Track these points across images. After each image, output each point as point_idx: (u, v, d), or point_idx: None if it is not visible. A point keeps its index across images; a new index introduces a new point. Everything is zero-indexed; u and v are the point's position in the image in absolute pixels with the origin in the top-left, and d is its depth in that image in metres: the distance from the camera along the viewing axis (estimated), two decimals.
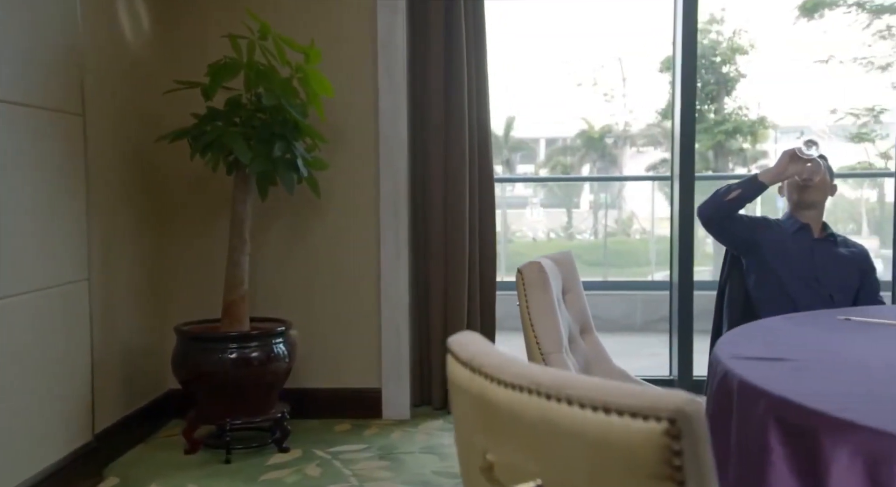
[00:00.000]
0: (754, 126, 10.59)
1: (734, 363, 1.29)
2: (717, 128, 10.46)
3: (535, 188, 12.38)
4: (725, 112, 10.66)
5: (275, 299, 2.91)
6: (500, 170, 13.36)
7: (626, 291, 4.99)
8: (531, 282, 1.61)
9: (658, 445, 0.61)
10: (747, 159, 11.61)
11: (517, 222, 11.91)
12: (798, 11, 9.05)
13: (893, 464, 0.91)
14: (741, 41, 10.32)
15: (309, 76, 2.54)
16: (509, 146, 13.21)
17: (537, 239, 12.16)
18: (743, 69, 10.48)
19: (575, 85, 12.45)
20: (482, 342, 0.81)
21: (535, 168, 14.40)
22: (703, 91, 10.59)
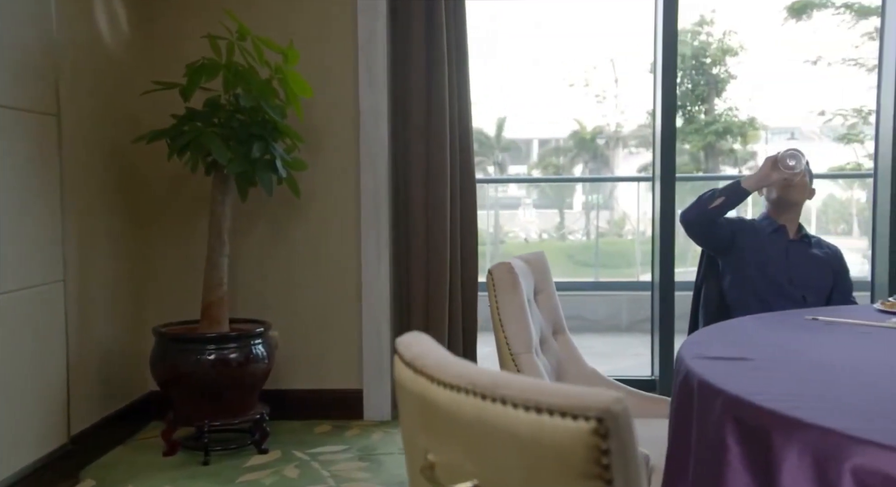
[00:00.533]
0: (744, 127, 10.66)
1: (695, 362, 1.30)
2: (708, 129, 10.52)
3: (528, 189, 12.41)
4: (716, 113, 10.72)
5: (256, 300, 2.91)
6: (491, 170, 13.39)
7: (612, 291, 5.01)
8: (501, 282, 1.61)
9: (586, 444, 0.62)
10: (738, 160, 11.66)
11: (510, 223, 11.93)
12: (786, 12, 9.11)
13: (840, 462, 0.92)
14: (731, 43, 10.38)
15: (287, 77, 2.54)
16: (501, 147, 13.23)
17: (529, 240, 12.18)
18: (733, 70, 10.54)
19: (567, 86, 12.49)
20: (427, 342, 0.82)
21: (528, 169, 14.43)
22: (693, 92, 10.66)
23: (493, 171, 13.06)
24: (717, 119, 10.66)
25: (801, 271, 2.12)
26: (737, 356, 1.32)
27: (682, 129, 10.90)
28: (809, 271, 2.12)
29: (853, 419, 0.97)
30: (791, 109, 11.10)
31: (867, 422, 0.96)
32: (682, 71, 10.65)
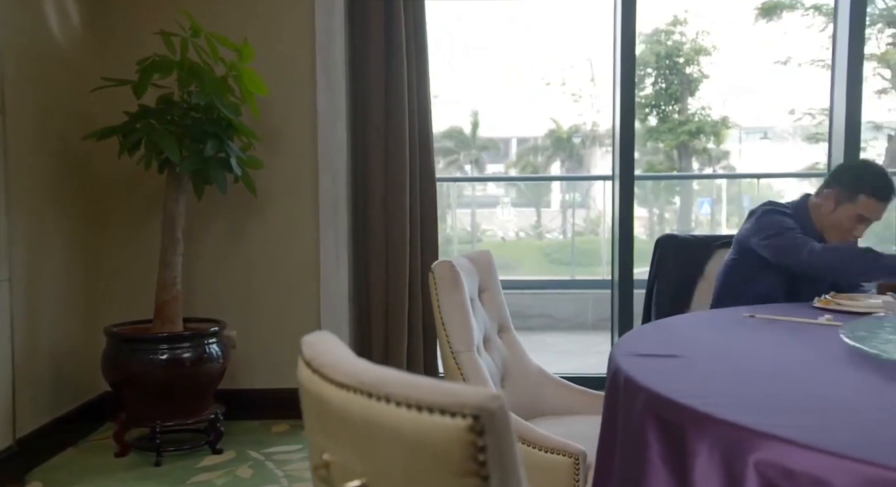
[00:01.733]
0: (717, 126, 10.77)
1: (624, 359, 1.31)
2: (681, 128, 10.62)
3: (506, 188, 12.45)
4: (689, 112, 10.82)
5: (213, 299, 2.88)
6: (469, 169, 13.40)
7: (578, 290, 5.05)
8: (442, 281, 1.61)
9: (463, 441, 0.62)
10: (712, 159, 11.80)
11: (488, 222, 11.95)
12: (757, 13, 9.22)
13: (745, 456, 0.94)
14: (704, 42, 10.49)
15: (242, 74, 2.52)
16: (478, 145, 13.25)
17: (507, 239, 12.22)
18: (706, 70, 10.65)
19: (544, 85, 12.54)
20: (329, 341, 0.82)
21: (506, 167, 14.48)
22: (667, 92, 10.76)
23: (470, 169, 13.08)
24: (690, 118, 10.76)
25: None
26: (665, 353, 1.33)
27: (657, 128, 11.00)
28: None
29: (760, 415, 0.99)
30: (763, 108, 11.25)
31: (773, 417, 0.98)
32: (655, 70, 10.74)
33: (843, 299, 1.74)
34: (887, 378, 1.14)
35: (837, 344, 1.33)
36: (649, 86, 10.83)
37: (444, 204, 11.40)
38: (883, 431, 0.93)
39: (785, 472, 0.91)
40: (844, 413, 1.01)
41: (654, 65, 10.66)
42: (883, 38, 8.87)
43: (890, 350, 1.22)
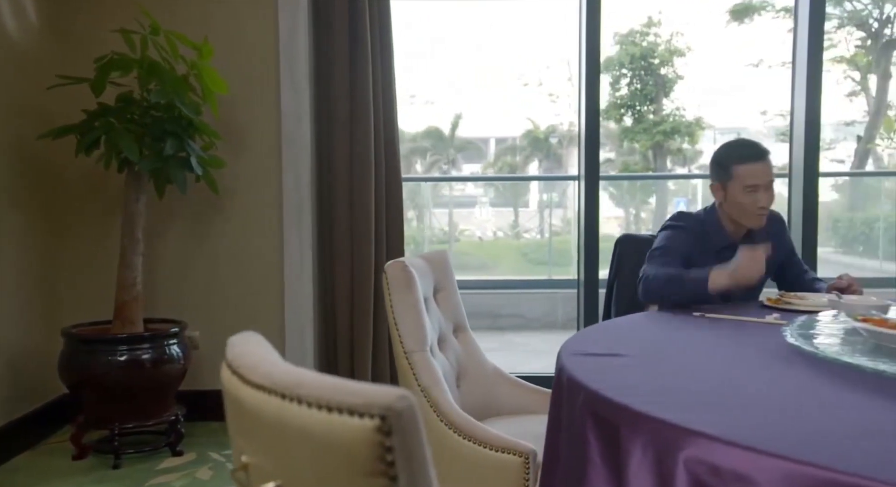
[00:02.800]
0: (692, 127, 10.88)
1: (569, 359, 1.32)
2: (656, 128, 10.72)
3: (484, 187, 12.48)
4: (664, 113, 10.93)
5: (176, 299, 2.86)
6: (445, 168, 13.40)
7: (549, 289, 5.08)
8: (395, 281, 1.62)
9: (370, 442, 0.62)
10: (686, 159, 11.92)
11: (466, 222, 11.96)
12: (729, 15, 9.34)
13: (675, 453, 0.95)
14: (678, 44, 10.60)
15: (203, 73, 2.50)
16: (455, 145, 13.26)
17: (484, 238, 12.24)
18: (680, 71, 10.76)
19: (522, 85, 12.59)
20: (252, 341, 0.82)
21: (483, 167, 14.51)
22: (641, 92, 10.85)
23: (447, 169, 13.09)
24: (664, 119, 10.87)
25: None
26: (610, 353, 1.35)
27: (632, 128, 11.09)
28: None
29: (692, 413, 1.00)
30: (737, 109, 11.39)
31: (704, 415, 0.99)
32: (630, 71, 10.83)
33: (791, 297, 1.77)
34: (823, 376, 1.16)
35: (780, 343, 1.35)
36: (624, 86, 10.92)
37: (422, 204, 11.42)
38: (808, 428, 0.95)
39: (712, 469, 0.92)
40: (775, 411, 1.03)
41: (629, 66, 10.75)
42: (852, 41, 9.04)
43: (828, 349, 1.24)
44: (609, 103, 10.92)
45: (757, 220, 1.89)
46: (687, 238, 1.92)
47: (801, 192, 3.05)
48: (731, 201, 1.89)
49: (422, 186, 11.62)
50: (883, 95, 8.88)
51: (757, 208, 1.86)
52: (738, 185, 1.86)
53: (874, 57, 8.84)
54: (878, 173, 8.99)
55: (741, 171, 1.85)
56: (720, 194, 1.92)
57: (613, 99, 10.88)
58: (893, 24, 8.65)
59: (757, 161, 1.86)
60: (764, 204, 1.87)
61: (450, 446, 1.55)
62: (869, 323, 1.23)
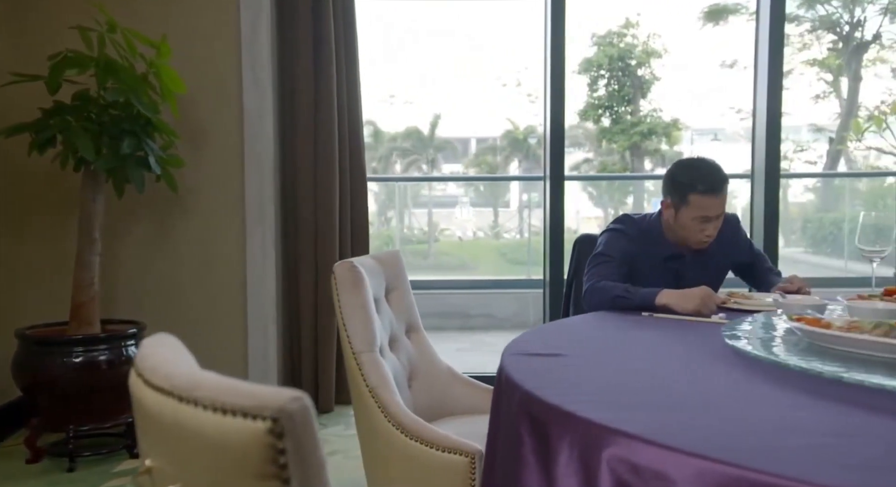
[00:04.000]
0: (669, 128, 10.98)
1: (509, 358, 1.33)
2: (633, 129, 10.80)
3: (465, 188, 12.49)
4: (641, 114, 11.01)
5: (137, 300, 2.82)
6: (425, 168, 13.40)
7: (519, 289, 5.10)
8: (342, 281, 1.61)
9: (263, 444, 0.62)
10: (665, 159, 12.03)
11: (446, 221, 11.97)
12: (704, 17, 9.44)
13: (599, 452, 0.95)
14: (655, 45, 10.69)
15: (161, 72, 2.47)
16: (435, 145, 13.26)
17: (463, 238, 12.26)
18: (657, 72, 10.85)
19: (500, 86, 12.62)
20: (165, 344, 0.81)
21: (464, 167, 14.53)
22: (619, 93, 10.92)
23: (426, 169, 13.09)
24: (642, 120, 10.96)
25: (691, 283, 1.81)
26: (552, 353, 1.35)
27: (609, 129, 11.17)
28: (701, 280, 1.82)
29: (618, 412, 1.01)
30: (713, 110, 11.52)
31: (628, 414, 1.00)
32: (608, 72, 10.90)
33: (738, 297, 1.79)
34: (756, 376, 1.17)
35: (720, 342, 1.37)
36: (602, 87, 11.00)
37: (402, 204, 11.40)
38: (729, 426, 0.96)
39: (632, 467, 0.93)
40: (700, 409, 1.04)
41: (607, 67, 10.82)
42: (824, 44, 9.17)
43: (762, 348, 1.26)
44: (587, 104, 10.99)
45: (700, 245, 1.88)
46: (629, 244, 1.91)
47: (763, 192, 3.08)
48: (680, 224, 1.87)
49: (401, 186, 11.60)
50: (854, 97, 9.03)
51: (704, 236, 1.86)
52: (690, 213, 1.84)
53: (845, 60, 8.98)
54: (840, 174, 9.17)
55: (697, 202, 1.82)
56: (670, 212, 1.89)
57: (591, 100, 10.95)
58: (863, 27, 8.80)
59: (715, 195, 1.82)
60: (711, 233, 1.86)
61: (397, 447, 1.55)
62: (802, 322, 1.25)
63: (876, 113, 6.76)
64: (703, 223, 1.84)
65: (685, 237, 1.89)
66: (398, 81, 12.19)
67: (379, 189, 9.45)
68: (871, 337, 1.13)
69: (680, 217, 1.86)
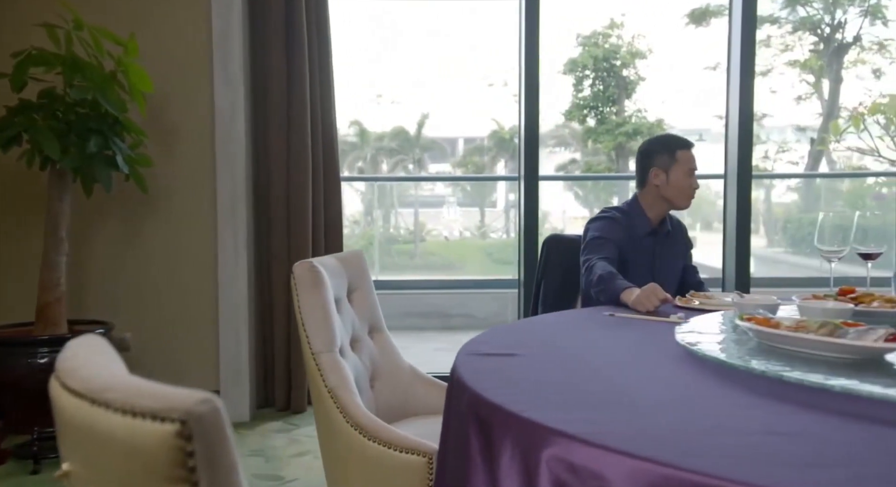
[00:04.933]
0: (653, 128, 11.02)
1: (463, 358, 1.33)
2: (618, 129, 10.83)
3: (452, 188, 12.50)
4: (626, 114, 11.05)
5: (108, 300, 2.80)
6: (412, 168, 13.39)
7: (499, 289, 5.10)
8: (302, 281, 1.60)
9: (171, 447, 0.61)
10: None
11: (433, 221, 11.97)
12: (687, 19, 9.48)
13: (538, 452, 0.95)
14: (640, 46, 10.72)
15: (128, 70, 2.45)
16: (421, 145, 13.25)
17: (450, 238, 12.27)
18: (642, 73, 10.89)
19: (487, 86, 12.62)
20: (86, 345, 0.80)
21: (451, 167, 14.54)
22: (604, 94, 10.96)
23: (412, 168, 13.08)
24: (626, 120, 10.99)
25: (664, 265, 2.13)
26: (505, 352, 1.35)
27: (595, 129, 11.19)
28: (670, 262, 2.14)
29: (559, 412, 1.01)
30: (699, 111, 11.58)
31: (569, 414, 1.00)
32: (593, 73, 10.93)
33: (700, 297, 1.79)
34: (704, 375, 1.18)
35: (674, 342, 1.37)
36: (587, 88, 11.02)
37: (388, 203, 11.38)
38: (665, 425, 0.96)
39: (569, 467, 0.93)
40: (641, 409, 1.04)
41: (592, 67, 10.85)
42: (806, 46, 9.24)
43: (711, 348, 1.26)
44: (572, 104, 11.01)
45: (688, 201, 2.11)
46: (617, 227, 2.09)
47: (736, 193, 3.10)
48: (673, 184, 2.08)
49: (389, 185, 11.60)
50: (835, 99, 9.10)
51: (692, 189, 2.10)
52: (681, 168, 2.07)
53: (826, 61, 9.05)
54: (811, 175, 9.23)
55: (683, 156, 2.07)
56: (661, 178, 2.09)
57: (576, 100, 10.97)
58: (844, 29, 8.87)
59: (691, 148, 2.12)
60: (697, 186, 2.11)
61: (356, 447, 1.54)
62: (752, 322, 1.25)
63: (854, 114, 6.83)
64: (691, 177, 2.08)
65: (678, 197, 2.09)
66: (385, 80, 12.17)
67: (365, 189, 9.44)
68: (815, 336, 1.13)
69: (673, 177, 2.08)
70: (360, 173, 12.70)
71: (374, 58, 11.64)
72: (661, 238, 2.15)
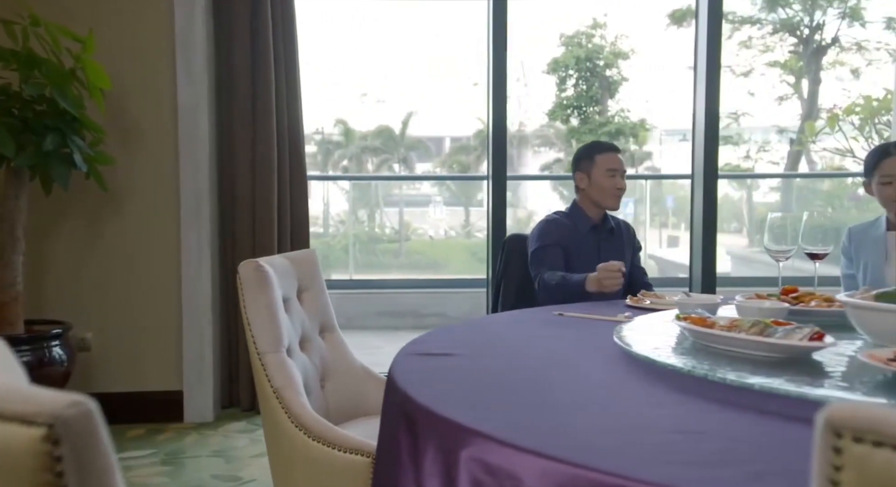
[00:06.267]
0: (636, 128, 11.06)
1: (400, 358, 1.32)
2: (601, 129, 10.86)
3: (438, 187, 12.50)
4: (609, 114, 11.08)
5: (69, 300, 2.77)
6: (397, 168, 13.37)
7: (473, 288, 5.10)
8: (247, 281, 1.59)
9: (38, 451, 0.59)
10: (635, 160, 12.12)
11: (419, 220, 11.95)
12: (669, 20, 9.53)
13: (458, 452, 0.95)
14: (623, 46, 10.76)
15: (86, 67, 2.42)
16: (406, 144, 13.23)
17: (435, 237, 12.27)
18: (625, 73, 10.93)
19: (472, 85, 12.61)
20: None
21: (434, 166, 14.52)
22: (587, 94, 10.98)
23: (398, 168, 13.06)
24: (609, 120, 11.02)
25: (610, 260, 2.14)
26: (444, 352, 1.34)
27: (578, 129, 11.22)
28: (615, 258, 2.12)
29: (480, 412, 1.00)
30: (682, 111, 11.64)
31: (490, 414, 0.99)
32: (576, 73, 10.95)
33: (650, 296, 1.79)
34: (633, 374, 1.17)
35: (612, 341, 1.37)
36: (570, 87, 11.04)
37: (374, 202, 11.32)
38: (584, 425, 0.96)
39: (487, 467, 0.92)
40: (565, 409, 1.04)
41: (575, 67, 10.87)
42: (786, 47, 9.30)
43: (643, 347, 1.26)
44: (556, 104, 11.02)
45: (615, 201, 2.21)
46: (558, 226, 2.20)
47: (702, 192, 3.11)
48: (595, 185, 2.20)
49: (372, 185, 11.56)
50: (814, 99, 9.17)
51: (616, 189, 2.19)
52: (600, 169, 2.19)
53: (805, 62, 9.12)
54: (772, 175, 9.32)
55: (601, 159, 2.20)
56: (585, 181, 2.22)
57: (560, 100, 10.99)
58: (822, 30, 8.94)
59: (613, 152, 2.23)
60: (621, 186, 2.21)
61: (300, 448, 1.53)
62: (688, 321, 1.25)
63: (828, 115, 6.88)
64: (612, 177, 2.18)
65: (603, 197, 2.20)
66: (371, 79, 12.13)
67: (350, 188, 9.42)
68: (745, 335, 1.13)
69: (594, 178, 2.20)
70: (344, 172, 12.67)
71: (361, 57, 11.61)
72: (605, 234, 2.24)
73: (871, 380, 1.04)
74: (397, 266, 9.78)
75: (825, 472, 0.53)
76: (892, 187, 1.98)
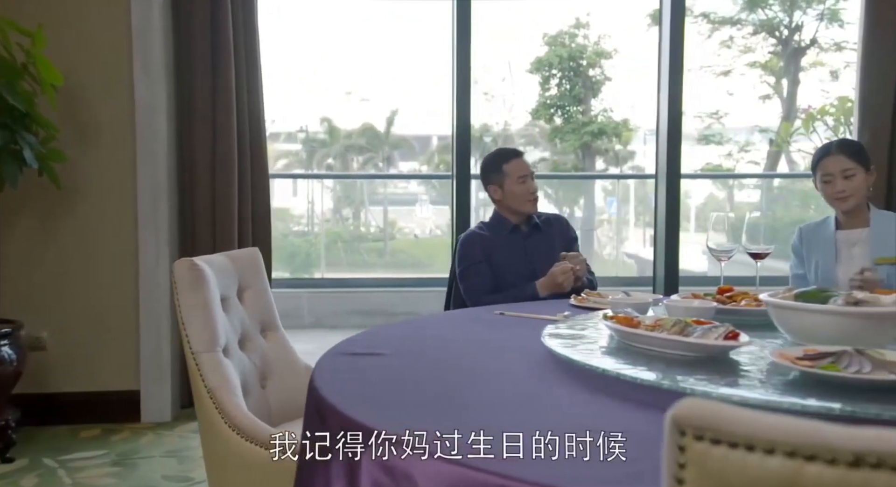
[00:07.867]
0: (619, 128, 11.08)
1: (327, 357, 1.31)
2: (584, 128, 10.88)
3: (425, 186, 12.49)
4: (592, 114, 11.09)
5: (23, 299, 2.73)
6: (381, 166, 13.34)
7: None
8: (181, 280, 1.57)
9: None
10: (619, 159, 12.15)
11: (405, 219, 11.93)
12: (650, 20, 9.55)
13: (360, 453, 0.94)
14: (605, 46, 10.78)
15: (36, 62, 2.39)
16: (390, 143, 13.20)
17: (420, 236, 12.25)
18: (608, 73, 10.95)
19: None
20: None
21: (420, 164, 14.50)
22: (570, 93, 11.01)
23: (381, 166, 13.03)
24: (592, 120, 11.04)
25: (540, 259, 2.16)
26: (372, 352, 1.33)
27: (561, 128, 11.23)
28: (546, 255, 2.17)
29: (386, 412, 1.00)
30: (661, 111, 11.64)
31: (394, 414, 0.99)
32: (559, 72, 10.96)
33: (594, 296, 1.79)
34: (553, 375, 1.17)
35: None
36: (554, 87, 11.04)
37: (359, 201, 11.27)
38: (481, 425, 0.95)
39: (385, 467, 0.92)
40: (469, 409, 1.03)
41: (558, 66, 10.87)
42: (766, 47, 9.35)
43: (568, 348, 1.25)
44: (539, 103, 11.04)
45: (532, 205, 2.23)
46: (480, 240, 2.21)
47: (665, 192, 3.12)
48: (509, 194, 2.21)
49: (358, 183, 11.52)
50: (793, 100, 9.23)
51: (529, 193, 2.21)
52: (511, 178, 2.19)
53: (784, 63, 9.18)
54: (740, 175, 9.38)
55: (510, 167, 2.21)
56: (499, 192, 2.23)
57: (543, 99, 11.00)
58: (802, 31, 9.00)
59: (519, 158, 2.24)
60: (533, 189, 2.23)
61: (234, 449, 1.51)
62: (614, 321, 1.25)
63: (805, 116, 6.93)
64: (523, 183, 2.20)
65: (518, 205, 2.21)
66: (356, 77, 12.08)
67: (334, 186, 9.33)
68: (664, 335, 1.13)
69: (507, 187, 2.21)
70: (328, 171, 12.61)
71: (346, 54, 11.55)
72: (530, 230, 2.24)
73: (783, 379, 1.03)
74: (381, 265, 9.74)
75: (671, 469, 0.52)
76: (832, 185, 2.00)
